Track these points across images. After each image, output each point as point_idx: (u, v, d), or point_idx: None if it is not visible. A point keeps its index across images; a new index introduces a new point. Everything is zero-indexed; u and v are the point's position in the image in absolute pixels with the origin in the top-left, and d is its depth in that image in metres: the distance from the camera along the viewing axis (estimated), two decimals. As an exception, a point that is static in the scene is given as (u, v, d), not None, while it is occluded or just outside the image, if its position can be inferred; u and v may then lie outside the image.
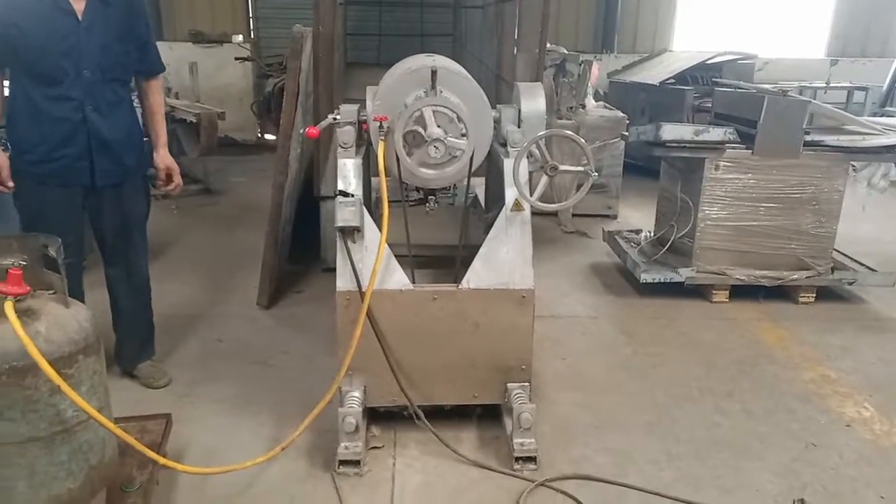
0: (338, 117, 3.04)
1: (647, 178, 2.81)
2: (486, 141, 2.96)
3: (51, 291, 2.14)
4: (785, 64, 9.75)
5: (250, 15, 9.63)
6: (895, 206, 7.14)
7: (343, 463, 2.76)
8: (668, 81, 8.22)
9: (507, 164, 2.91)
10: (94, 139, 2.93)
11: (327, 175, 4.87)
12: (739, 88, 6.47)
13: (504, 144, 3.10)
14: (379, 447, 2.93)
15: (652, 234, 5.23)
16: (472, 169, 2.92)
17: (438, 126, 2.76)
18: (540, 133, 2.76)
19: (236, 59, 8.85)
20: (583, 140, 2.74)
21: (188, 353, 3.77)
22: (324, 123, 3.00)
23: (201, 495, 2.64)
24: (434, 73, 2.70)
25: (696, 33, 10.42)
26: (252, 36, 9.57)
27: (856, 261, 4.83)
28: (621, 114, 6.66)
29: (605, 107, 7.01)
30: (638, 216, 6.58)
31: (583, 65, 6.77)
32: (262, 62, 8.96)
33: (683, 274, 4.56)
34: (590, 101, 6.70)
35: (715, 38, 10.11)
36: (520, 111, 3.12)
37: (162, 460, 2.23)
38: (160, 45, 3.39)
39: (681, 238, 4.72)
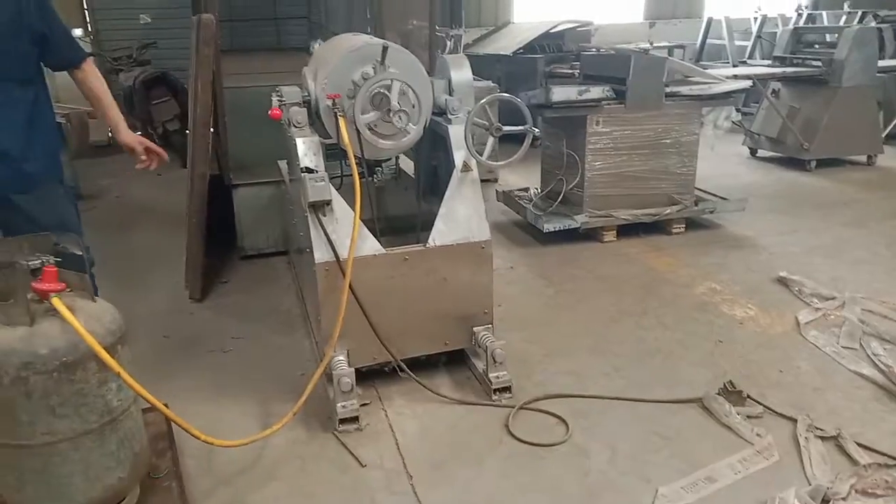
0: (283, 99, 3.16)
1: (515, 144, 3.10)
2: (429, 110, 3.22)
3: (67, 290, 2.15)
4: (612, 29, 10.78)
5: (85, 7, 8.96)
6: (725, 146, 8.26)
7: (343, 421, 2.95)
8: (520, 51, 8.82)
9: (453, 130, 3.20)
10: None
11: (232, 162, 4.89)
12: (601, 51, 7.14)
13: (438, 114, 3.39)
14: (367, 403, 3.15)
15: (540, 190, 5.77)
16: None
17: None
18: (487, 98, 3.07)
19: (80, 54, 8.25)
20: (522, 102, 3.10)
21: (136, 353, 3.67)
22: (274, 105, 3.10)
23: (214, 475, 2.73)
24: (385, 49, 2.92)
25: (532, 4, 11.17)
26: (90, 29, 8.93)
27: (711, 193, 5.66)
28: (492, 83, 7.13)
29: (474, 78, 7.42)
30: (515, 177, 7.11)
31: (453, 39, 7.13)
32: (110, 57, 8.42)
33: (579, 220, 5.11)
34: (463, 73, 7.07)
35: (549, 7, 10.92)
36: (450, 81, 3.41)
37: (203, 437, 2.33)
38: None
39: (570, 189, 5.27)
